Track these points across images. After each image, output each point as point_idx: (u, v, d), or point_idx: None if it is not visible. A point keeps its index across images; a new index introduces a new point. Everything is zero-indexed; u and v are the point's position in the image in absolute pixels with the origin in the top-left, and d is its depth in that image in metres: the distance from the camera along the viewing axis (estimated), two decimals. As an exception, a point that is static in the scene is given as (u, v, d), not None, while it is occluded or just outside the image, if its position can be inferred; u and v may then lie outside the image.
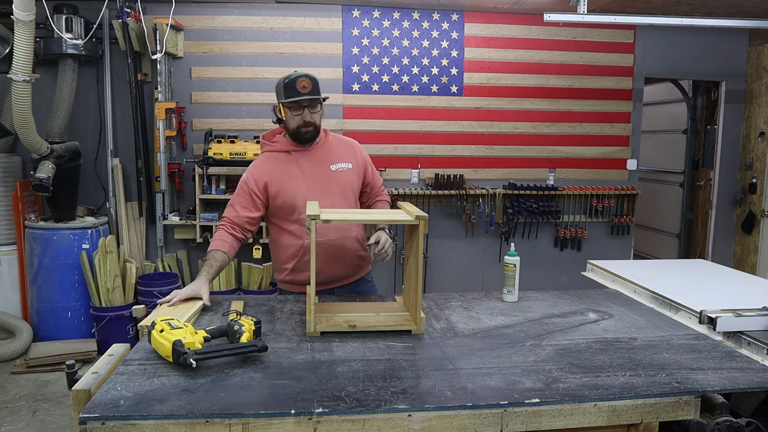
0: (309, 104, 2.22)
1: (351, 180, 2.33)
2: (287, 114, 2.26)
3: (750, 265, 5.26)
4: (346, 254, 2.32)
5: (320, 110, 2.28)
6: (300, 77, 2.18)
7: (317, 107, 2.25)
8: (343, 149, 2.39)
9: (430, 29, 4.89)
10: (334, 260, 2.29)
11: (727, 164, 5.39)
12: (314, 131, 2.27)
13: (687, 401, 1.46)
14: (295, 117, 2.23)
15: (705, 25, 4.24)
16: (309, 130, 2.26)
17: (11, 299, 4.39)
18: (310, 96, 2.19)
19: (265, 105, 4.78)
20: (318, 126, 2.28)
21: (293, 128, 2.26)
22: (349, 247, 2.32)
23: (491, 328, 1.92)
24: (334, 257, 2.29)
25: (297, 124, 2.24)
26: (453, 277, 5.11)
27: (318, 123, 2.27)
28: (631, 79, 5.15)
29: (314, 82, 2.20)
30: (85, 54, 4.33)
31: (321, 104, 2.28)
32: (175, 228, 4.68)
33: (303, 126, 2.24)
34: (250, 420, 1.30)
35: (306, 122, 2.23)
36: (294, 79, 2.19)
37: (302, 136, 2.27)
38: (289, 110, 2.24)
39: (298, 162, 2.30)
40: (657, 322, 2.03)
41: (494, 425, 1.38)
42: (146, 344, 1.64)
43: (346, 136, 2.51)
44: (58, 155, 4.06)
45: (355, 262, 2.36)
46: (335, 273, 2.32)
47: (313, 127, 2.26)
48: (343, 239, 2.29)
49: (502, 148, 5.08)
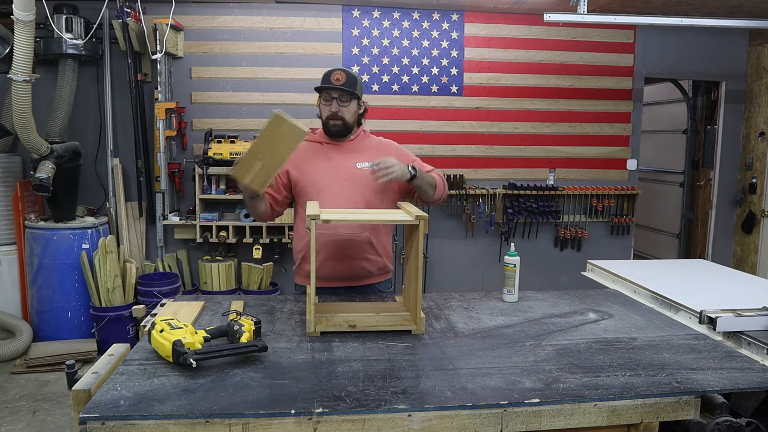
0: (339, 96, 2.26)
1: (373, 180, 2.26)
2: (321, 104, 2.31)
3: (750, 265, 5.26)
4: (352, 254, 2.29)
5: (353, 107, 2.30)
6: (336, 70, 2.26)
7: (348, 102, 2.28)
8: (377, 150, 2.36)
9: (430, 29, 4.89)
10: (340, 258, 2.27)
11: (727, 164, 5.39)
12: (342, 126, 2.30)
13: (687, 401, 1.46)
14: (326, 107, 2.29)
15: (705, 25, 4.24)
16: (337, 123, 2.29)
17: (11, 299, 4.39)
18: (340, 88, 2.23)
19: (265, 105, 4.78)
20: (348, 122, 2.30)
21: (324, 119, 2.31)
22: (357, 247, 2.29)
23: (491, 328, 1.92)
24: (341, 255, 2.27)
25: (326, 115, 2.29)
26: (453, 277, 5.11)
27: (348, 118, 2.29)
28: (631, 79, 5.15)
29: (349, 77, 2.25)
30: (85, 54, 4.33)
31: (358, 103, 2.32)
32: (175, 228, 4.68)
33: (331, 117, 2.28)
34: (250, 420, 1.30)
35: (333, 113, 2.27)
36: (331, 71, 2.27)
37: (330, 128, 2.30)
38: (322, 100, 2.30)
39: (327, 154, 2.33)
40: (657, 322, 2.03)
41: (494, 425, 1.38)
42: (146, 344, 1.64)
43: (388, 139, 2.48)
44: (58, 155, 4.06)
45: (361, 264, 2.31)
46: (339, 271, 2.29)
47: (341, 121, 2.28)
48: (351, 237, 2.27)
49: (502, 148, 5.08)
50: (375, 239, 2.32)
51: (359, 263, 2.31)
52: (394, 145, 2.45)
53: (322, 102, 2.30)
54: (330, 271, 2.27)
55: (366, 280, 2.36)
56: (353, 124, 2.34)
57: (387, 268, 2.41)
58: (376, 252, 2.33)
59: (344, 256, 2.28)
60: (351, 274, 2.32)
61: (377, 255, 2.34)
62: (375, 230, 2.32)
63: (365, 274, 2.35)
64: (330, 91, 2.26)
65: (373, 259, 2.33)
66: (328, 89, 2.26)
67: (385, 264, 2.39)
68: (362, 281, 2.36)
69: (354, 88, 2.26)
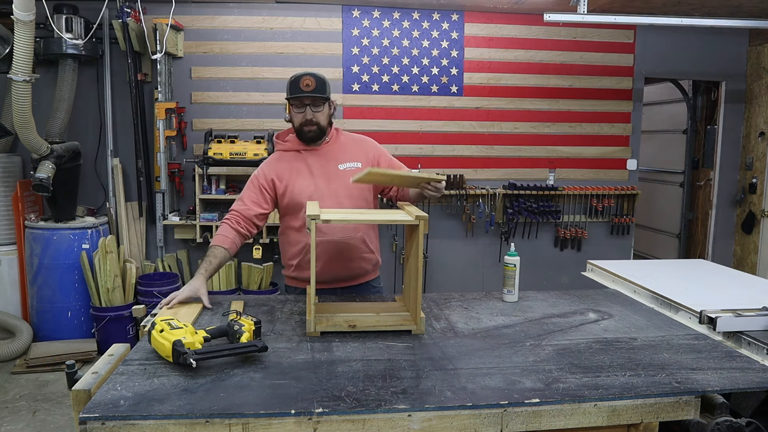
0: (311, 102, 2.22)
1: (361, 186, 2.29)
2: (292, 111, 2.27)
3: (750, 265, 5.26)
4: (350, 255, 2.30)
5: (325, 110, 2.27)
6: (304, 75, 2.20)
7: (321, 107, 2.25)
8: (354, 148, 2.36)
9: (430, 29, 4.89)
10: (336, 260, 2.28)
11: (727, 164, 5.39)
12: (317, 131, 2.27)
13: (687, 401, 1.46)
14: (298, 115, 2.25)
15: (705, 25, 4.24)
16: (312, 129, 2.26)
17: (11, 299, 4.39)
18: (312, 94, 2.19)
19: (265, 105, 4.79)
20: (322, 126, 2.28)
21: (297, 126, 2.28)
22: (354, 248, 2.30)
23: (491, 328, 1.92)
24: (336, 257, 2.28)
25: (300, 122, 2.25)
26: (453, 277, 5.11)
27: (322, 123, 2.27)
28: (631, 79, 5.15)
29: (318, 81, 2.20)
30: (85, 54, 4.33)
31: (329, 104, 2.29)
32: (175, 228, 4.68)
33: (305, 124, 2.24)
34: (250, 420, 1.30)
35: (308, 120, 2.23)
36: (299, 77, 2.20)
37: (305, 135, 2.27)
38: (293, 108, 2.26)
39: (306, 161, 2.31)
40: (657, 322, 2.02)
41: (494, 425, 1.38)
42: (146, 344, 1.64)
43: (360, 135, 2.47)
44: (58, 155, 4.06)
45: (358, 264, 2.33)
46: (337, 273, 2.30)
47: (316, 127, 2.25)
48: (347, 239, 2.28)
49: (502, 148, 5.08)
50: (367, 237, 2.34)
51: (356, 263, 2.33)
52: (370, 141, 2.43)
53: (294, 110, 2.25)
54: (331, 275, 2.28)
55: (362, 278, 2.38)
56: (326, 127, 2.31)
57: (378, 263, 2.44)
58: (369, 249, 2.36)
59: (342, 258, 2.29)
60: (349, 275, 2.34)
61: (370, 252, 2.37)
62: (366, 228, 2.34)
63: (362, 273, 2.37)
64: (302, 98, 2.21)
65: (367, 257, 2.36)
66: (300, 97, 2.20)
67: (377, 259, 2.42)
68: (358, 280, 2.38)
69: (324, 92, 2.23)
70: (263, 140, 4.57)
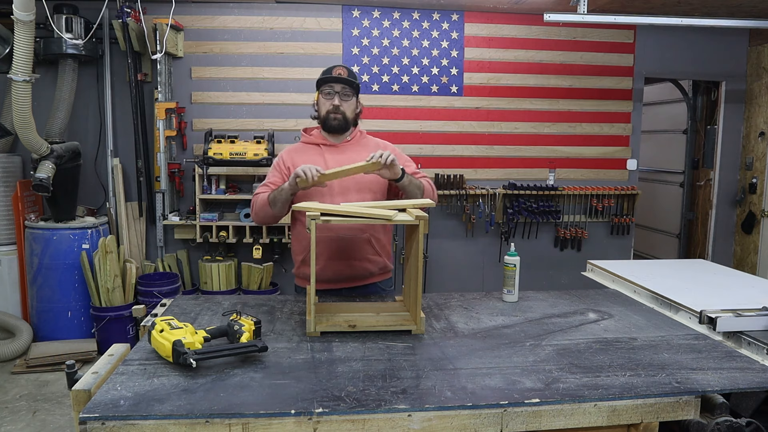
0: (340, 90, 2.28)
1: (372, 180, 2.29)
2: (320, 99, 2.32)
3: (750, 265, 5.26)
4: (353, 254, 2.29)
5: (353, 102, 2.32)
6: (338, 65, 2.31)
7: (350, 97, 2.30)
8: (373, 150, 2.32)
9: (430, 29, 4.89)
10: (341, 258, 2.27)
11: (727, 164, 5.39)
12: (343, 120, 2.31)
13: (687, 401, 1.46)
14: (326, 102, 2.30)
15: (705, 25, 4.24)
16: (338, 118, 2.29)
17: (11, 299, 4.39)
18: (343, 79, 2.26)
19: (265, 105, 4.79)
20: (348, 117, 2.32)
21: (323, 114, 2.31)
22: (358, 247, 2.29)
23: (491, 328, 1.93)
24: (339, 255, 2.27)
25: (327, 109, 2.30)
26: (453, 277, 5.11)
27: (348, 113, 2.31)
28: (631, 79, 5.14)
29: (350, 73, 2.30)
30: (85, 54, 4.33)
31: (357, 100, 2.34)
32: (175, 228, 4.68)
33: (332, 111, 2.29)
34: (250, 420, 1.30)
35: (335, 107, 2.28)
36: (333, 66, 2.31)
37: (330, 123, 2.31)
38: (322, 95, 2.31)
39: (324, 156, 2.33)
40: (657, 322, 2.03)
41: (494, 425, 1.38)
42: (146, 344, 1.64)
43: (383, 140, 2.48)
44: (58, 155, 4.06)
45: (362, 264, 2.31)
46: (339, 272, 2.29)
47: (342, 116, 2.30)
48: (353, 238, 2.27)
49: (502, 148, 5.08)
50: (374, 239, 2.32)
51: (361, 263, 2.31)
52: (390, 146, 2.44)
53: (323, 96, 2.31)
54: (333, 273, 2.28)
55: (368, 279, 2.36)
56: (352, 122, 2.35)
57: (387, 267, 2.41)
58: (376, 252, 2.34)
59: (345, 256, 2.28)
60: (353, 275, 2.32)
61: (377, 255, 2.34)
62: (374, 230, 2.32)
63: (367, 275, 2.35)
64: (333, 84, 2.27)
65: (373, 259, 2.34)
66: (332, 81, 2.27)
67: (386, 263, 2.40)
68: (364, 281, 2.36)
69: (355, 80, 2.30)
70: (263, 140, 4.57)
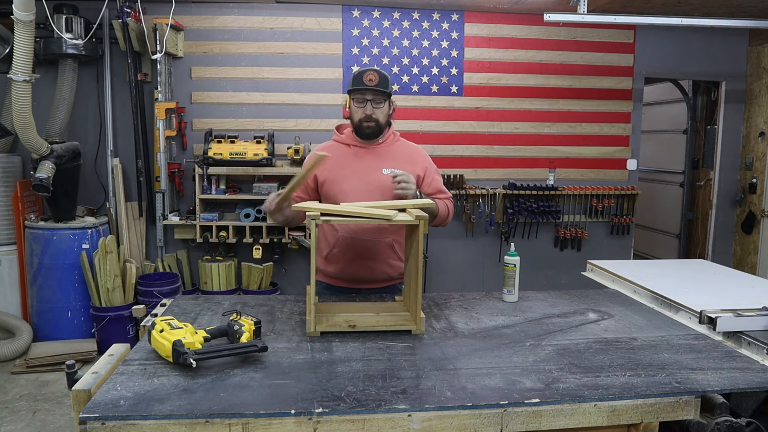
0: (372, 98, 2.22)
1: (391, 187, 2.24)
2: (352, 106, 2.27)
3: (750, 265, 5.26)
4: (374, 257, 2.28)
5: (385, 108, 2.27)
6: (369, 70, 2.21)
7: (381, 104, 2.25)
8: (404, 155, 2.34)
9: (430, 29, 4.89)
10: (361, 260, 2.26)
11: (727, 164, 5.39)
12: (376, 127, 2.26)
13: (687, 401, 1.46)
14: (358, 110, 2.25)
15: (705, 25, 4.24)
16: (371, 125, 2.25)
17: (11, 299, 4.39)
18: (375, 88, 2.19)
19: (265, 105, 4.79)
20: (381, 123, 2.27)
21: (356, 121, 2.27)
22: (379, 251, 2.27)
23: (491, 328, 1.92)
24: (359, 257, 2.26)
25: (359, 117, 2.25)
26: (453, 277, 5.11)
27: (381, 120, 2.27)
28: (631, 79, 5.15)
29: (382, 77, 2.21)
30: (85, 54, 4.33)
31: (389, 103, 2.29)
32: (175, 228, 4.68)
33: (365, 120, 2.24)
34: (250, 420, 1.30)
35: (368, 116, 2.23)
36: (363, 71, 2.22)
37: (363, 131, 2.27)
38: (354, 102, 2.26)
39: (354, 157, 2.30)
40: (657, 322, 2.02)
41: (494, 425, 1.38)
42: (146, 344, 1.64)
43: (416, 144, 2.44)
44: (58, 155, 4.06)
45: (382, 268, 2.30)
46: (358, 273, 2.28)
47: (375, 123, 2.25)
48: (375, 242, 2.25)
49: (502, 148, 5.08)
50: (397, 244, 2.29)
51: (380, 267, 2.30)
52: (422, 153, 2.40)
53: (355, 104, 2.25)
54: (352, 274, 2.28)
55: (386, 283, 2.35)
56: (385, 126, 2.31)
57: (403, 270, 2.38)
58: (398, 257, 2.31)
59: (366, 258, 2.27)
60: (371, 277, 2.31)
61: (399, 260, 2.32)
62: (397, 234, 2.29)
63: (385, 278, 2.34)
64: (364, 92, 2.22)
65: (394, 264, 2.32)
66: (362, 90, 2.21)
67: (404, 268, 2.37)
68: (384, 284, 2.35)
69: (387, 87, 2.23)
70: (263, 140, 4.57)
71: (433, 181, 2.36)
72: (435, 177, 2.38)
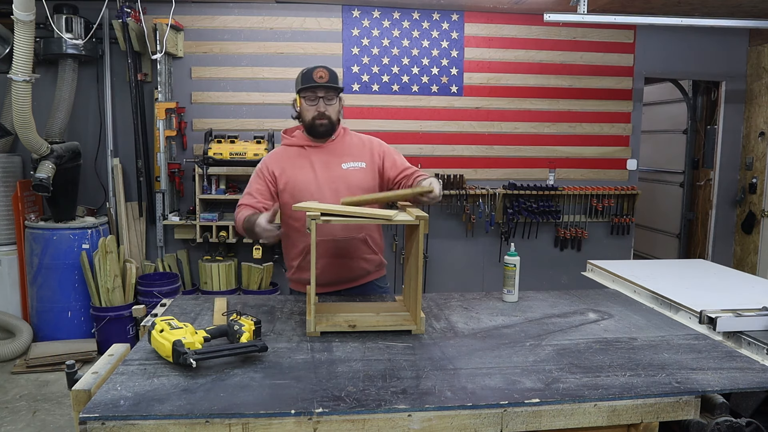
0: (324, 95, 2.21)
1: (362, 179, 2.26)
2: (303, 105, 2.25)
3: (750, 265, 5.26)
4: (351, 255, 2.28)
5: (336, 104, 2.26)
6: (318, 68, 2.19)
7: (333, 100, 2.24)
8: (359, 148, 2.33)
9: (430, 29, 4.89)
10: (338, 260, 2.26)
11: (727, 164, 5.39)
12: (329, 125, 2.25)
13: (687, 401, 1.46)
14: (310, 108, 2.23)
15: (705, 25, 4.24)
16: (324, 123, 2.23)
17: (11, 299, 4.39)
18: (326, 84, 2.18)
19: (265, 105, 4.79)
20: (333, 120, 2.26)
21: (308, 120, 2.25)
22: (355, 248, 2.28)
23: (491, 328, 1.92)
24: (337, 257, 2.26)
25: (312, 116, 2.23)
26: (453, 277, 5.11)
27: (334, 117, 2.25)
28: (631, 79, 5.15)
29: (331, 74, 2.20)
30: (85, 54, 4.33)
31: (339, 99, 2.27)
32: (175, 228, 4.68)
33: (318, 118, 2.22)
34: (250, 420, 1.30)
35: (320, 113, 2.21)
36: (311, 69, 2.20)
37: (317, 129, 2.25)
38: (305, 101, 2.23)
39: (310, 158, 2.28)
40: (657, 322, 2.03)
41: (494, 425, 1.38)
42: (146, 344, 1.64)
43: (367, 135, 2.43)
44: (58, 155, 4.06)
45: (359, 264, 2.31)
46: (338, 274, 2.29)
47: (328, 121, 2.23)
48: (349, 240, 2.26)
49: (502, 148, 5.08)
50: (370, 238, 2.31)
51: (357, 263, 2.31)
52: (375, 141, 2.39)
53: (306, 103, 2.23)
54: (331, 275, 2.26)
55: (365, 279, 2.36)
56: (336, 122, 2.30)
57: (382, 263, 2.42)
58: (371, 250, 2.33)
59: (342, 257, 2.27)
60: (350, 276, 2.32)
61: (373, 253, 2.34)
62: (369, 229, 2.31)
63: (364, 273, 2.35)
64: (316, 90, 2.19)
65: (369, 257, 2.34)
66: (314, 88, 2.19)
67: (381, 260, 2.40)
68: (361, 281, 2.35)
69: (337, 83, 2.23)
70: (263, 140, 4.57)
71: (395, 162, 2.33)
72: (395, 157, 2.35)
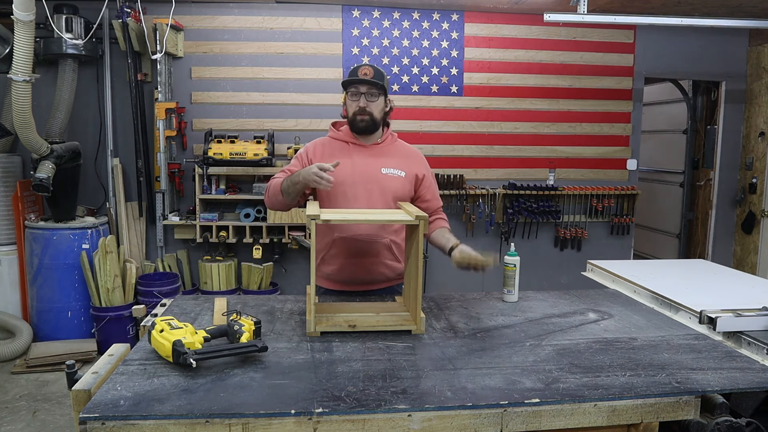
0: (367, 91, 2.21)
1: (398, 188, 2.25)
2: (347, 100, 2.26)
3: (750, 265, 5.26)
4: (372, 258, 2.25)
5: (380, 103, 2.25)
6: (365, 65, 2.22)
7: (376, 97, 2.23)
8: (402, 157, 2.32)
9: (430, 29, 4.89)
10: (357, 260, 2.23)
11: (727, 164, 5.39)
12: (370, 121, 2.23)
13: (687, 401, 1.46)
14: (352, 103, 2.24)
15: (705, 25, 4.24)
16: (364, 119, 2.22)
17: (11, 299, 4.39)
18: (368, 80, 2.18)
19: (265, 105, 4.79)
20: (375, 118, 2.24)
21: (351, 115, 2.25)
22: (377, 251, 2.25)
23: (491, 328, 1.92)
24: (357, 256, 2.23)
25: (353, 111, 2.24)
26: (453, 277, 5.10)
27: (376, 114, 2.24)
28: (631, 79, 5.15)
29: (376, 72, 2.21)
30: (85, 54, 4.33)
31: (385, 99, 2.27)
32: (175, 228, 4.68)
33: (359, 113, 2.22)
34: (250, 420, 1.30)
35: (361, 108, 2.21)
36: (359, 66, 2.22)
37: (357, 125, 2.24)
38: (348, 96, 2.25)
39: (352, 155, 2.27)
40: (657, 322, 2.02)
41: (494, 425, 1.38)
42: (146, 344, 1.64)
43: (415, 148, 2.44)
44: (58, 155, 4.06)
45: (379, 269, 2.27)
46: (356, 274, 2.26)
47: (369, 117, 2.22)
48: (371, 242, 2.23)
49: (502, 148, 5.08)
50: (394, 244, 2.27)
51: (377, 267, 2.27)
52: (420, 157, 2.39)
53: (349, 98, 2.24)
54: (349, 275, 2.25)
55: (383, 284, 2.33)
56: (380, 122, 2.28)
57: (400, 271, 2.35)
58: (395, 257, 2.29)
59: (362, 257, 2.24)
60: (369, 279, 2.28)
61: (396, 260, 2.30)
62: (395, 234, 2.27)
63: (383, 279, 2.31)
64: (358, 85, 2.20)
65: (391, 264, 2.29)
66: (356, 83, 2.20)
67: (403, 269, 2.33)
68: (380, 285, 2.32)
69: (381, 80, 2.21)
70: (263, 140, 4.57)
71: (431, 185, 2.38)
72: (432, 182, 2.39)
